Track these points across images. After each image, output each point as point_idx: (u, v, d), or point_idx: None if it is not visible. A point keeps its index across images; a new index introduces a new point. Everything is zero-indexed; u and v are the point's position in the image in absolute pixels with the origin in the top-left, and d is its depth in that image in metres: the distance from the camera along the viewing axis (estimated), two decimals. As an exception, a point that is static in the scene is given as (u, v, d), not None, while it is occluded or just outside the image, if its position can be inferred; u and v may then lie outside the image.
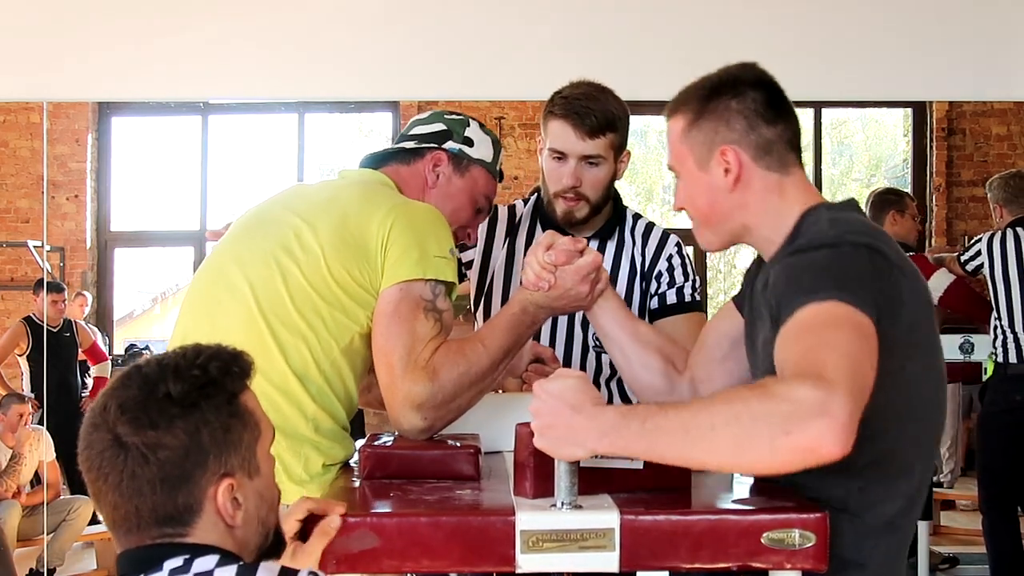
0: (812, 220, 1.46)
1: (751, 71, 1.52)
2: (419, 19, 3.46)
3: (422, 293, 1.67)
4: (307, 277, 1.69)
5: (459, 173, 1.91)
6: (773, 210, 1.50)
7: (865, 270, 1.33)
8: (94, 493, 1.16)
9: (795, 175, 1.51)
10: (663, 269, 2.18)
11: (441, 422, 1.66)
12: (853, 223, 1.43)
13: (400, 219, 1.70)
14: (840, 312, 1.25)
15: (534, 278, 1.72)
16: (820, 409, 1.13)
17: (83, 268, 7.64)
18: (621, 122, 2.09)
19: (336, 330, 1.68)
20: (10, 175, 7.59)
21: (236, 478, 1.16)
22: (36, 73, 3.46)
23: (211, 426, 1.15)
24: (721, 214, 1.53)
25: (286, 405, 1.65)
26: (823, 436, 1.13)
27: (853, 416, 1.14)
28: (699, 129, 1.51)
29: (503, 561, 1.32)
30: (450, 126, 1.93)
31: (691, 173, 1.53)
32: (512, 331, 1.73)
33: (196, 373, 1.16)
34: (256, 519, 1.19)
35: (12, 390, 5.84)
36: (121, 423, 1.13)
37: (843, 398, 1.14)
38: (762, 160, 1.49)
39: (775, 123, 1.49)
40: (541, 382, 1.32)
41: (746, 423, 1.16)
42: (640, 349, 1.77)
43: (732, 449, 1.17)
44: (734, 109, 1.49)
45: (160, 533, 1.15)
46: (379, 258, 1.68)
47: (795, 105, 1.55)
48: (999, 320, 4.04)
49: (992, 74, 3.49)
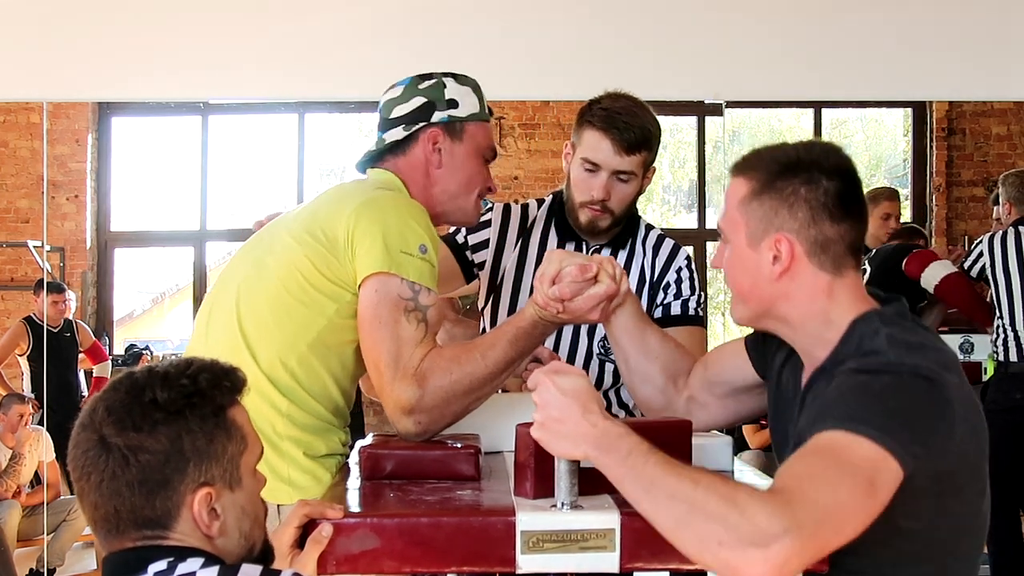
0: (867, 331, 1.38)
1: (833, 158, 1.43)
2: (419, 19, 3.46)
3: (399, 292, 1.64)
4: (277, 274, 1.70)
5: (458, 139, 1.86)
6: (819, 311, 1.42)
7: (920, 404, 1.27)
8: (78, 492, 1.19)
9: (848, 278, 1.42)
10: (671, 281, 2.19)
11: (436, 426, 1.65)
12: (912, 342, 1.34)
13: (366, 213, 1.68)
14: (863, 453, 1.20)
15: (543, 302, 1.67)
16: (762, 540, 1.11)
17: (83, 268, 7.64)
18: (656, 140, 2.09)
19: (301, 324, 1.67)
20: (10, 175, 7.58)
21: (215, 488, 1.17)
22: (36, 73, 3.46)
23: (194, 434, 1.16)
24: (760, 298, 1.45)
25: (260, 403, 1.65)
26: (750, 567, 1.11)
27: (790, 562, 1.11)
28: (760, 204, 1.42)
29: (503, 562, 1.32)
30: (430, 96, 1.86)
31: (740, 246, 1.45)
32: (519, 343, 1.70)
33: (184, 383, 1.18)
34: (237, 531, 1.20)
35: (12, 390, 5.84)
36: (107, 424, 1.15)
37: (791, 540, 1.11)
38: (815, 258, 1.40)
39: (841, 222, 1.40)
40: (550, 372, 1.31)
41: (696, 512, 1.15)
42: (643, 361, 1.74)
43: (672, 525, 1.18)
44: (802, 196, 1.40)
45: (140, 535, 1.16)
46: (348, 252, 1.66)
47: (795, 105, 1.53)
48: (1000, 319, 4.03)
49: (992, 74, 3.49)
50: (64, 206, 7.62)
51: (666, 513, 1.18)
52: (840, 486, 1.17)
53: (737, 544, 1.12)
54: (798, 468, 1.21)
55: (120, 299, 8.56)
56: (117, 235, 7.89)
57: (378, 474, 1.56)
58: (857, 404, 1.25)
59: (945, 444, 1.28)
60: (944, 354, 1.35)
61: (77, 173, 7.65)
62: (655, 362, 1.74)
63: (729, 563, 1.13)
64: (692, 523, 1.15)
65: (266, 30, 3.43)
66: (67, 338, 6.36)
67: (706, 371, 1.73)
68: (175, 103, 7.67)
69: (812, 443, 1.23)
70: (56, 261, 7.47)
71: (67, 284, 6.86)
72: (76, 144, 7.65)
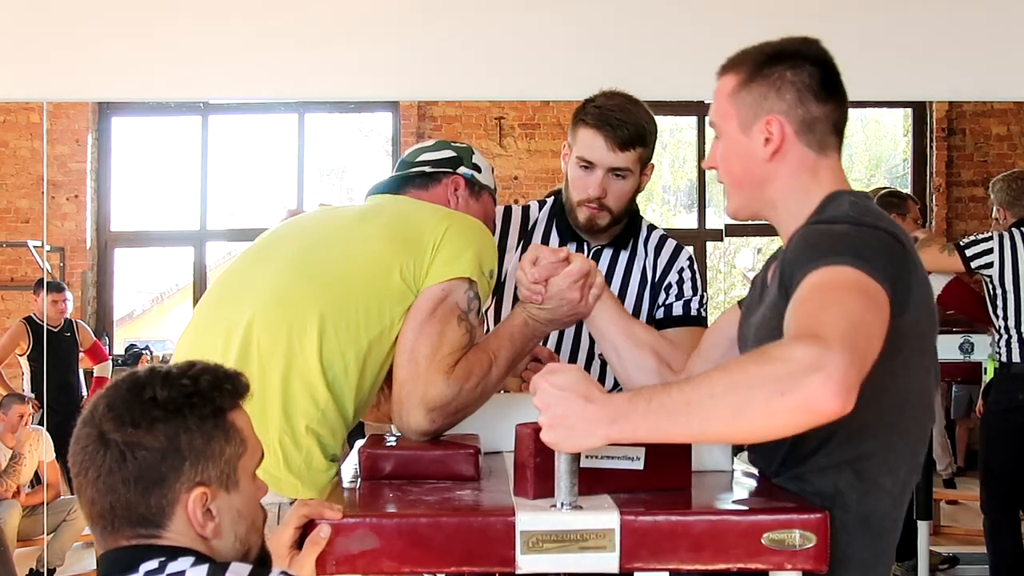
0: (835, 202, 1.46)
1: (813, 47, 1.51)
2: (419, 19, 3.46)
3: (459, 301, 1.69)
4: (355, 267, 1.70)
5: (474, 197, 1.95)
6: (802, 188, 1.49)
7: (882, 249, 1.33)
8: (77, 488, 1.20)
9: (831, 159, 1.50)
10: (673, 281, 2.20)
11: (444, 428, 1.67)
12: (873, 210, 1.44)
13: (459, 224, 1.76)
14: (853, 277, 1.25)
15: (527, 292, 1.74)
16: (815, 366, 1.11)
17: (83, 268, 7.64)
18: (651, 136, 2.10)
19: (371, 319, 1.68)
20: (10, 175, 7.58)
21: (211, 489, 1.18)
22: (36, 73, 3.46)
23: (191, 433, 1.17)
24: (753, 181, 1.52)
25: (301, 392, 1.64)
26: (819, 393, 1.11)
27: (850, 373, 1.12)
28: (749, 92, 1.49)
29: (503, 562, 1.32)
30: (459, 152, 1.96)
31: (732, 134, 1.52)
32: (514, 344, 1.75)
33: (185, 383, 1.19)
34: (232, 534, 1.21)
35: (12, 390, 5.83)
36: (106, 420, 1.16)
37: (839, 354, 1.12)
38: (803, 136, 1.48)
39: (825, 102, 1.48)
40: (544, 376, 1.31)
41: (743, 388, 1.15)
42: (633, 348, 1.78)
43: (731, 416, 1.16)
44: (788, 80, 1.47)
45: (135, 534, 1.17)
46: (428, 255, 1.70)
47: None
48: (1003, 320, 4.02)
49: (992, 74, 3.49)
50: (64, 206, 7.62)
51: (719, 412, 1.17)
52: (849, 303, 1.21)
53: (797, 384, 1.12)
54: (803, 309, 1.23)
55: (120, 299, 8.56)
56: (117, 235, 7.89)
57: (377, 474, 1.56)
58: (827, 244, 1.31)
59: (905, 296, 1.33)
60: (901, 229, 1.42)
61: (77, 173, 7.66)
62: (644, 347, 1.78)
63: (801, 404, 1.12)
64: (748, 400, 1.15)
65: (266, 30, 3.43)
66: (67, 338, 6.36)
67: (702, 347, 1.76)
68: (175, 103, 7.67)
69: (802, 288, 1.27)
70: (56, 261, 7.48)
71: (67, 284, 6.86)
72: (76, 144, 7.65)
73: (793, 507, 1.33)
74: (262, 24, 3.44)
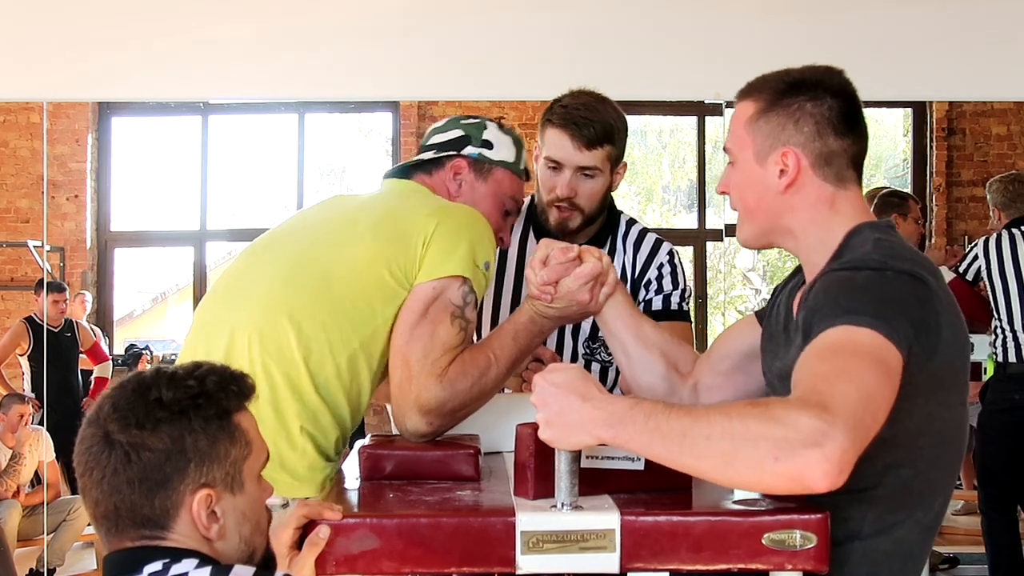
0: (858, 240, 1.43)
1: (836, 77, 1.48)
2: (419, 19, 3.46)
3: (453, 298, 1.67)
4: (343, 268, 1.69)
5: (481, 178, 1.90)
6: (822, 221, 1.46)
7: (907, 298, 1.31)
8: (81, 489, 1.20)
9: (851, 191, 1.47)
10: (652, 277, 2.16)
11: (444, 429, 1.66)
12: (897, 248, 1.40)
13: (450, 217, 1.72)
14: (870, 342, 1.23)
15: (536, 291, 1.70)
16: (815, 441, 1.11)
17: (83, 268, 7.64)
18: (619, 134, 2.07)
19: (360, 320, 1.67)
20: (10, 175, 7.58)
21: (216, 490, 1.18)
22: (36, 73, 3.46)
23: (196, 435, 1.17)
24: (765, 213, 1.49)
25: (288, 396, 1.65)
26: (812, 469, 1.11)
27: (848, 453, 1.12)
28: (767, 121, 1.47)
29: (503, 562, 1.32)
30: (467, 131, 1.91)
31: (747, 163, 1.49)
32: (520, 341, 1.72)
33: (191, 384, 1.19)
34: (237, 536, 1.21)
35: (13, 390, 5.84)
36: (111, 421, 1.16)
37: (841, 434, 1.11)
38: (820, 170, 1.45)
39: (844, 136, 1.45)
40: (542, 374, 1.31)
41: (739, 441, 1.15)
42: (643, 350, 1.75)
43: (721, 463, 1.17)
44: (808, 111, 1.44)
45: (139, 535, 1.17)
46: (419, 251, 1.68)
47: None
48: (999, 320, 4.04)
49: (992, 74, 3.49)
50: (64, 206, 7.62)
51: (710, 455, 1.17)
52: (863, 374, 1.19)
53: (792, 453, 1.12)
54: (817, 369, 1.22)
55: (120, 299, 8.56)
56: (117, 235, 7.89)
57: (377, 474, 1.56)
58: (847, 299, 1.29)
59: (934, 342, 1.31)
60: (928, 262, 1.41)
61: (77, 173, 7.65)
62: (653, 350, 1.75)
63: (792, 474, 1.12)
64: (741, 453, 1.15)
65: (266, 30, 3.43)
66: (68, 338, 6.36)
67: (711, 354, 1.74)
68: (175, 103, 7.66)
69: (819, 343, 1.25)
70: (56, 261, 7.48)
71: (67, 284, 6.86)
72: (76, 144, 7.65)
73: (794, 507, 1.33)
74: (262, 24, 3.43)
